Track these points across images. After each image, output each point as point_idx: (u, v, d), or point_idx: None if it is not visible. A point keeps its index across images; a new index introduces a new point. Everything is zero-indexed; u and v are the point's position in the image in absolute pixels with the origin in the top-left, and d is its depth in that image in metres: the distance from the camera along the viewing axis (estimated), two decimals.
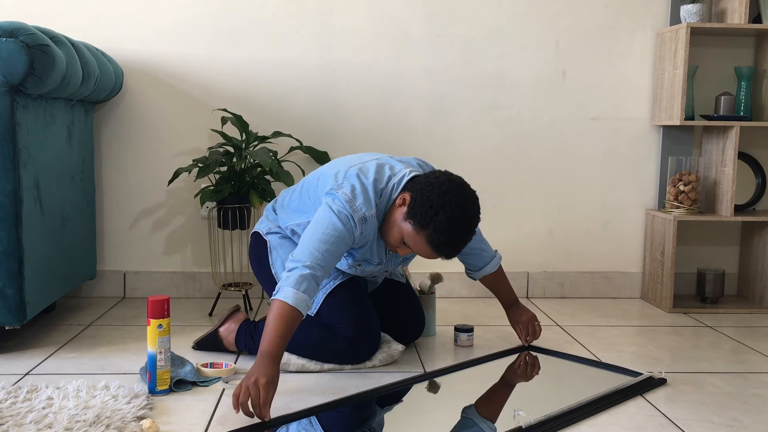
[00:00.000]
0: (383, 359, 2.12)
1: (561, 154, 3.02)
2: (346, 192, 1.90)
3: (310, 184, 2.11)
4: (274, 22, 2.89)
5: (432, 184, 1.84)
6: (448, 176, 1.88)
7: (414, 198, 1.85)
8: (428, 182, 1.86)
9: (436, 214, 1.81)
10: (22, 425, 1.60)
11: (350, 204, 1.89)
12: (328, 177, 2.01)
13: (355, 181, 1.92)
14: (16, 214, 2.09)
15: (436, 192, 1.82)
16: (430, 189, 1.83)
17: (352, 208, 1.88)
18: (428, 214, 1.81)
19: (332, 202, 1.90)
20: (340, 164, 2.04)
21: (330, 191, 1.93)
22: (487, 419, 1.73)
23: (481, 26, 2.94)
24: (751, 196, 3.05)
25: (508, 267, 3.03)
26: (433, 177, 1.88)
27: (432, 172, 1.92)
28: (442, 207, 1.80)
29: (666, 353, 2.30)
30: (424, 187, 1.85)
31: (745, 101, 2.92)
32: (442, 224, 1.80)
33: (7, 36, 2.01)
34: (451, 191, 1.82)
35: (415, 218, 1.84)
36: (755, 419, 1.77)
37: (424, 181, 1.88)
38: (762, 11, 2.89)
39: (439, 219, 1.80)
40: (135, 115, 2.90)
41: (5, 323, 2.12)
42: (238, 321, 2.21)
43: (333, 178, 1.97)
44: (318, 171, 2.13)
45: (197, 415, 1.74)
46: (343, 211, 1.88)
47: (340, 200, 1.89)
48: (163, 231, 2.95)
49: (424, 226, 1.83)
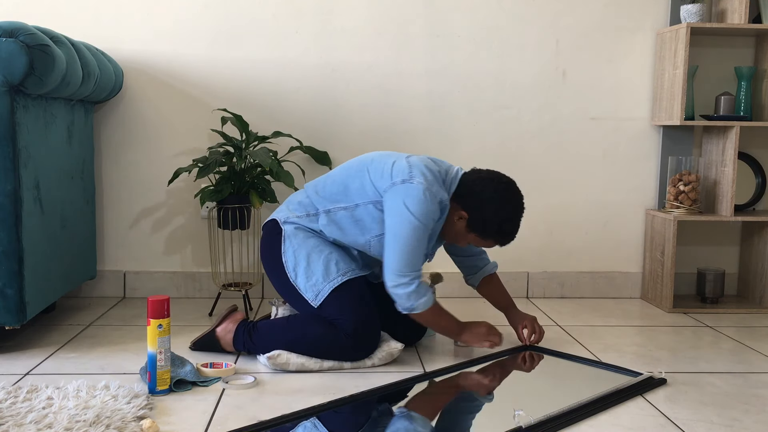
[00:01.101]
0: (382, 358, 2.12)
1: (561, 154, 3.02)
2: (420, 181, 2.00)
3: (354, 171, 2.13)
4: (274, 22, 2.89)
5: (483, 200, 2.04)
6: (492, 185, 2.05)
7: (471, 215, 2.06)
8: (478, 197, 2.05)
9: (499, 229, 2.05)
10: (22, 425, 1.60)
11: (429, 191, 2.00)
12: (389, 166, 2.06)
13: (424, 170, 2.04)
14: (16, 214, 2.09)
15: (494, 208, 2.03)
16: (484, 204, 2.04)
17: (432, 193, 2.00)
18: (491, 229, 2.06)
19: (409, 195, 1.99)
20: (391, 155, 2.11)
21: (401, 182, 2.01)
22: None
23: (481, 26, 2.94)
24: (751, 196, 3.05)
25: (508, 267, 3.03)
26: (479, 188, 2.05)
27: (475, 180, 2.08)
28: (503, 221, 2.05)
29: (666, 353, 2.30)
30: (479, 203, 2.05)
31: (745, 101, 2.92)
32: (507, 229, 2.07)
33: (7, 36, 2.01)
34: (504, 201, 2.04)
35: (479, 231, 2.08)
36: (755, 419, 1.77)
37: (473, 194, 2.06)
38: (762, 11, 2.89)
39: (502, 230, 2.06)
40: (135, 115, 2.90)
41: (5, 323, 2.12)
42: (236, 321, 2.21)
43: (393, 168, 2.05)
44: (360, 162, 2.15)
45: (197, 415, 1.74)
46: (426, 200, 1.99)
47: (419, 189, 1.98)
48: (163, 231, 2.95)
49: (489, 236, 2.08)
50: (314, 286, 2.09)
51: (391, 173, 2.05)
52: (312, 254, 2.12)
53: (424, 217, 1.99)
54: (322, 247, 2.13)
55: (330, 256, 2.11)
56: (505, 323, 2.57)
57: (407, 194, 1.99)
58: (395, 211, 2.00)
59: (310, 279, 2.10)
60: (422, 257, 2.04)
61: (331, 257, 2.11)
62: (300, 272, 2.11)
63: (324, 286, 2.08)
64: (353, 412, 1.78)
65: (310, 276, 2.10)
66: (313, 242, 2.14)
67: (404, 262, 2.00)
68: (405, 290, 2.02)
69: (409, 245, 2.00)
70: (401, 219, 1.99)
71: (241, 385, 1.93)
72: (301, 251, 2.13)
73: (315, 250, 2.12)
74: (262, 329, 2.14)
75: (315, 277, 2.09)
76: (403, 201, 1.99)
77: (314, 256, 2.11)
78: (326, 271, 2.09)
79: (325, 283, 2.08)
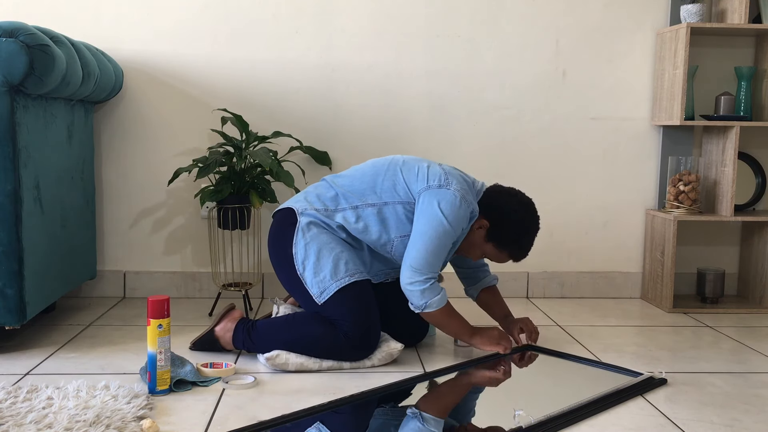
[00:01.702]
0: (382, 358, 2.12)
1: (561, 154, 3.02)
2: (457, 188, 2.07)
3: (385, 170, 2.17)
4: (274, 22, 2.89)
5: (508, 211, 2.12)
6: (517, 198, 2.14)
7: (493, 224, 2.13)
8: (503, 208, 2.13)
9: (519, 239, 2.12)
10: (22, 425, 1.60)
11: (465, 200, 2.07)
12: (423, 169, 2.13)
13: (459, 179, 2.12)
14: (16, 214, 2.09)
15: (515, 221, 2.12)
16: (510, 217, 2.12)
17: (467, 202, 2.08)
18: (509, 239, 2.13)
19: (444, 199, 2.05)
20: (421, 161, 2.18)
21: (438, 188, 2.07)
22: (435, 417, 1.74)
23: (481, 26, 2.94)
24: (751, 196, 3.05)
25: (508, 267, 3.03)
26: (504, 200, 2.14)
27: (500, 192, 2.16)
28: (525, 233, 2.13)
29: (666, 353, 2.30)
30: (503, 213, 2.12)
31: (745, 101, 2.92)
32: (524, 244, 2.14)
33: (7, 36, 2.01)
34: (528, 215, 2.13)
35: (497, 241, 2.14)
36: (755, 419, 1.77)
37: (497, 205, 2.13)
38: (762, 11, 2.89)
39: (520, 242, 2.13)
40: (135, 115, 2.90)
41: (5, 323, 2.12)
42: (234, 320, 2.21)
43: (429, 173, 2.11)
44: (391, 162, 2.19)
45: (197, 415, 1.74)
46: (461, 207, 2.05)
47: (455, 196, 2.06)
48: (163, 231, 2.95)
49: (506, 247, 2.14)
50: (321, 283, 2.09)
51: (426, 176, 2.11)
52: (323, 250, 2.11)
53: (455, 222, 2.05)
54: (333, 245, 2.13)
55: (340, 255, 2.11)
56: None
57: (443, 198, 2.05)
58: (428, 212, 2.05)
59: (318, 275, 2.09)
60: (442, 262, 2.08)
61: (342, 256, 2.11)
62: (308, 266, 2.11)
63: (331, 284, 2.08)
64: (353, 412, 1.78)
65: (318, 272, 2.09)
66: (326, 238, 2.13)
67: (425, 261, 2.04)
68: (419, 288, 2.04)
69: (435, 246, 2.04)
70: (433, 219, 2.04)
71: (241, 385, 1.93)
72: (312, 245, 2.12)
73: (326, 247, 2.12)
74: (261, 328, 2.13)
75: (323, 273, 2.09)
76: (438, 203, 2.05)
77: (325, 252, 2.11)
78: (335, 270, 2.09)
79: (332, 281, 2.08)
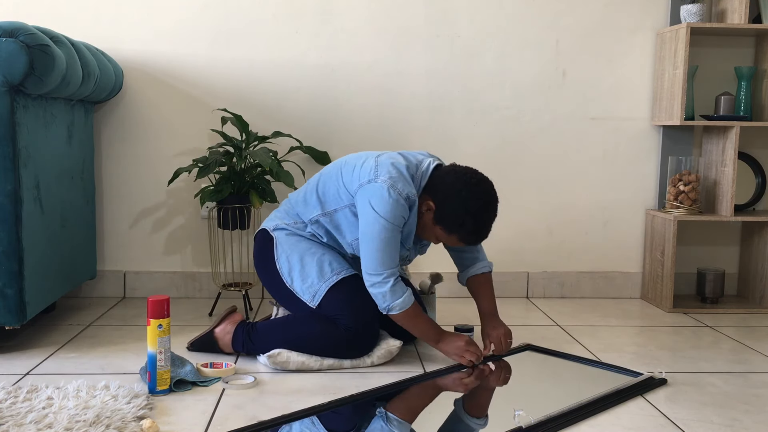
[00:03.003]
0: (382, 356, 2.12)
1: (561, 154, 3.02)
2: (384, 179, 1.98)
3: (330, 176, 2.14)
4: (273, 22, 2.89)
5: (451, 191, 1.97)
6: (464, 178, 1.98)
7: (438, 206, 2.00)
8: (447, 189, 1.98)
9: (463, 223, 1.97)
10: (22, 425, 1.60)
11: (393, 188, 1.97)
12: (357, 168, 2.06)
13: (390, 167, 2.01)
14: (16, 214, 2.09)
15: (458, 201, 1.96)
16: (452, 196, 1.97)
17: (397, 192, 1.97)
18: (456, 222, 1.98)
19: (374, 194, 1.97)
20: (364, 156, 2.10)
21: (367, 183, 2.00)
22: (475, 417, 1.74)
23: (481, 26, 2.94)
24: (751, 196, 3.05)
25: (508, 267, 3.03)
26: (450, 180, 1.99)
27: (448, 172, 2.01)
28: (468, 215, 1.96)
29: (666, 353, 2.30)
30: (447, 195, 1.98)
31: (745, 101, 2.92)
32: (470, 227, 1.97)
33: (7, 36, 2.01)
34: (473, 196, 1.95)
35: (444, 224, 2.00)
36: (755, 419, 1.77)
37: (443, 186, 1.99)
38: (762, 11, 2.89)
39: (468, 224, 1.97)
40: (135, 115, 2.90)
41: (5, 323, 2.12)
42: (235, 322, 2.21)
43: (362, 169, 2.03)
44: (336, 164, 2.16)
45: (197, 415, 1.74)
46: (390, 198, 1.96)
47: (382, 188, 1.96)
48: (163, 231, 2.95)
49: (453, 231, 2.00)
50: (310, 288, 2.09)
51: (359, 175, 2.04)
52: (305, 257, 2.13)
53: (390, 214, 1.96)
54: (314, 249, 2.14)
55: (323, 257, 2.12)
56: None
57: (372, 194, 1.98)
58: (363, 211, 2.00)
59: (306, 281, 2.10)
60: (395, 255, 2.00)
61: (324, 258, 2.12)
62: (295, 276, 2.12)
63: (320, 286, 2.08)
64: (353, 412, 1.78)
65: (306, 278, 2.10)
66: (305, 245, 2.15)
67: (377, 261, 1.99)
68: (380, 290, 2.00)
69: (379, 244, 1.97)
70: (368, 218, 1.98)
71: (241, 385, 1.93)
72: (294, 255, 2.14)
73: (308, 253, 2.13)
74: (261, 329, 2.14)
75: (310, 279, 2.10)
76: (368, 201, 1.98)
77: (307, 258, 2.12)
78: (321, 272, 2.10)
79: (320, 283, 2.09)
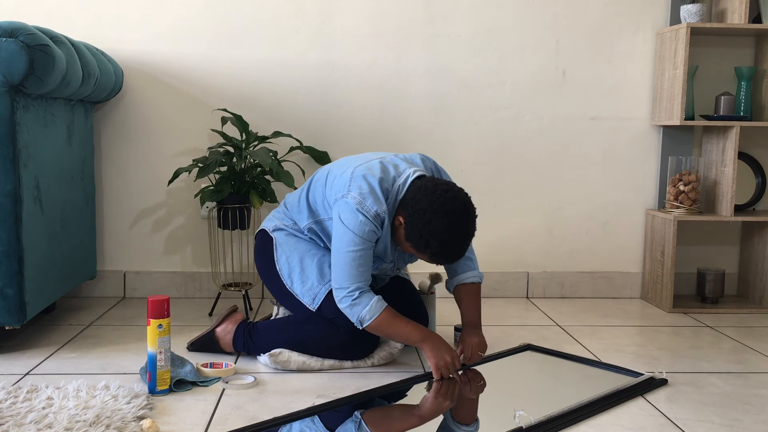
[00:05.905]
0: (382, 357, 2.12)
1: (561, 154, 3.02)
2: (354, 195, 1.94)
3: (318, 183, 2.13)
4: (274, 22, 2.89)
5: (417, 211, 1.88)
6: (432, 197, 1.88)
7: (407, 224, 1.92)
8: (414, 206, 1.90)
9: (428, 243, 1.88)
10: (22, 425, 1.60)
11: (361, 206, 1.93)
12: (336, 179, 2.04)
13: (362, 182, 1.96)
14: (16, 214, 2.09)
15: (423, 221, 1.87)
16: (417, 216, 1.88)
17: (364, 209, 1.92)
18: (421, 242, 1.89)
19: (343, 210, 1.94)
20: (347, 164, 2.07)
21: (340, 198, 1.97)
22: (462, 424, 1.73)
23: (481, 26, 2.94)
24: (751, 196, 3.05)
25: (508, 267, 3.03)
26: (419, 197, 1.90)
27: (419, 188, 1.92)
28: (431, 235, 1.87)
29: (666, 353, 2.30)
30: (412, 213, 1.90)
31: (745, 101, 2.92)
32: (436, 248, 1.88)
33: (7, 36, 2.01)
34: (436, 217, 1.85)
35: (412, 242, 1.92)
36: (755, 419, 1.77)
37: (413, 202, 1.91)
38: (762, 11, 2.89)
39: (432, 245, 1.88)
40: (135, 115, 2.90)
41: (5, 323, 2.12)
42: (236, 322, 2.21)
43: (339, 181, 2.01)
44: (326, 169, 2.15)
45: (197, 415, 1.74)
46: (358, 216, 1.92)
47: (351, 205, 1.93)
48: (163, 231, 2.95)
49: (421, 250, 1.92)
50: (310, 290, 2.09)
51: (337, 188, 2.01)
52: (305, 258, 2.12)
53: (358, 228, 1.92)
54: (314, 251, 2.14)
55: (323, 259, 2.12)
56: (505, 323, 2.58)
57: (342, 209, 1.96)
58: (335, 225, 1.98)
59: (306, 283, 2.10)
60: (366, 270, 1.96)
61: (324, 260, 2.12)
62: (295, 278, 2.12)
63: (320, 288, 2.08)
64: (353, 412, 1.78)
65: (305, 281, 2.10)
66: (305, 246, 2.15)
67: (344, 275, 1.95)
68: (346, 304, 1.96)
69: (347, 258, 1.94)
70: (339, 233, 1.96)
71: (241, 385, 1.93)
72: (293, 257, 2.14)
73: (308, 254, 2.13)
74: (261, 329, 2.14)
75: (310, 281, 2.10)
76: (339, 215, 1.96)
77: (307, 260, 2.12)
78: (320, 274, 2.09)
79: (320, 285, 2.08)
